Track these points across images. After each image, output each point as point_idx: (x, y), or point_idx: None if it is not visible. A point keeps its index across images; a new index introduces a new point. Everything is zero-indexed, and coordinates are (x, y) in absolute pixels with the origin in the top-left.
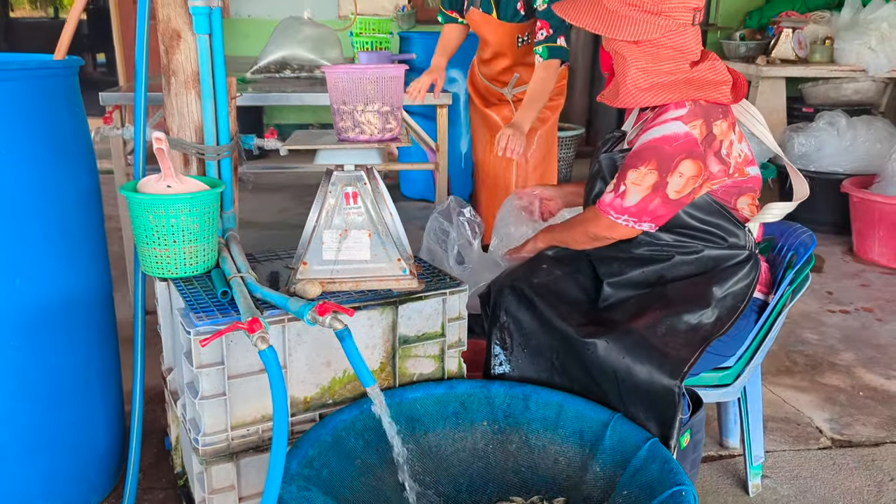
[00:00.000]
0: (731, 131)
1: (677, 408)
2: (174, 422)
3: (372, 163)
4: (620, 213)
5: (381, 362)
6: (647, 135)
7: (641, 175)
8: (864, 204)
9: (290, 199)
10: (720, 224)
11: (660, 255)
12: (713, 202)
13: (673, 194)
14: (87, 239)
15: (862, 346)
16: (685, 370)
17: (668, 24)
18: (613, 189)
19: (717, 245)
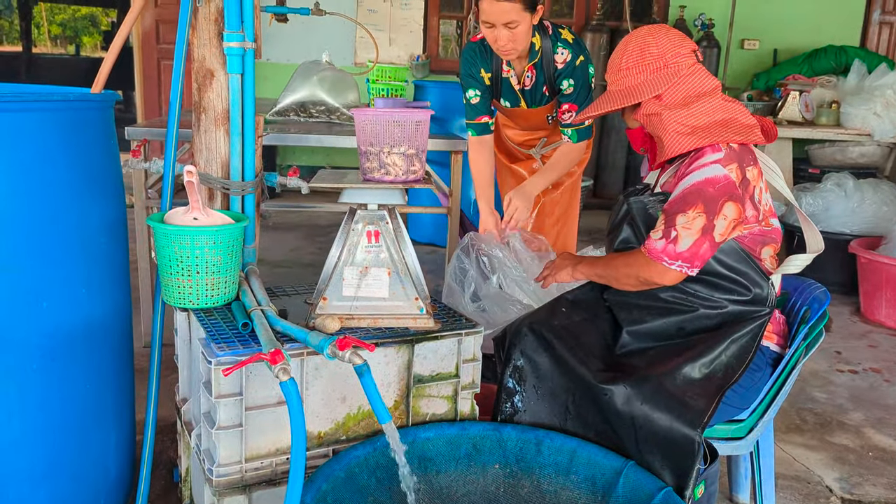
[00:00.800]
0: (761, 178)
1: (696, 458)
2: (185, 453)
3: (395, 203)
4: (674, 259)
5: (395, 400)
6: (687, 179)
7: (690, 219)
8: (871, 265)
9: (302, 238)
10: (747, 273)
11: (683, 306)
12: (741, 250)
13: (718, 237)
14: (112, 267)
15: (870, 407)
16: (705, 420)
17: (677, 70)
18: (664, 235)
19: (740, 296)
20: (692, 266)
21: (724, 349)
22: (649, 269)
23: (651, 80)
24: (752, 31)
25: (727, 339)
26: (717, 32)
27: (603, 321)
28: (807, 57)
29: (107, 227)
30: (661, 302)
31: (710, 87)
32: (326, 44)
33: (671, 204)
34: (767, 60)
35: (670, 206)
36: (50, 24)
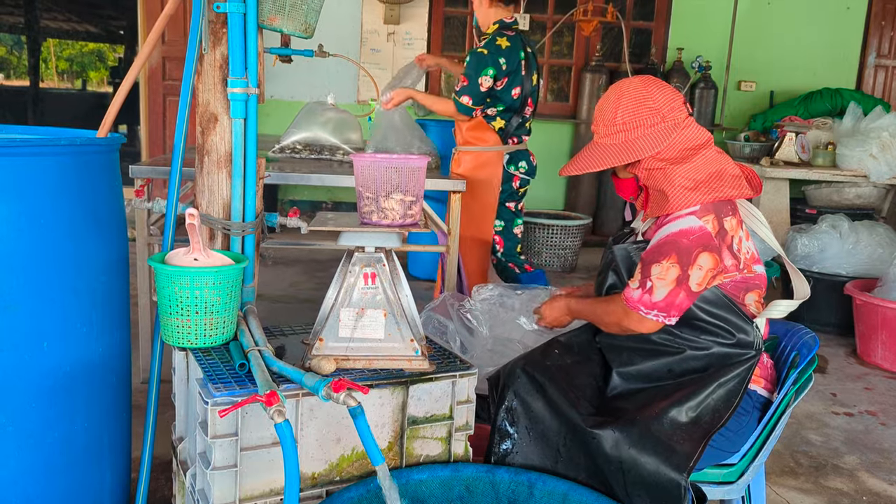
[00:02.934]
0: (740, 228)
1: (682, 501)
2: (180, 492)
3: (392, 246)
4: (650, 309)
5: (389, 442)
6: (662, 231)
7: (665, 269)
8: (866, 307)
9: (301, 273)
10: (729, 319)
11: (670, 348)
12: (723, 296)
13: (695, 286)
14: (112, 306)
15: (866, 451)
16: (691, 464)
17: (674, 123)
18: (640, 286)
19: (725, 339)
20: (668, 315)
21: (711, 392)
22: (628, 318)
23: (650, 135)
24: (748, 73)
25: (714, 383)
26: (715, 74)
27: (594, 363)
28: (803, 99)
29: (108, 267)
30: (650, 344)
31: (704, 138)
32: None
33: (647, 254)
34: (764, 102)
35: (646, 256)
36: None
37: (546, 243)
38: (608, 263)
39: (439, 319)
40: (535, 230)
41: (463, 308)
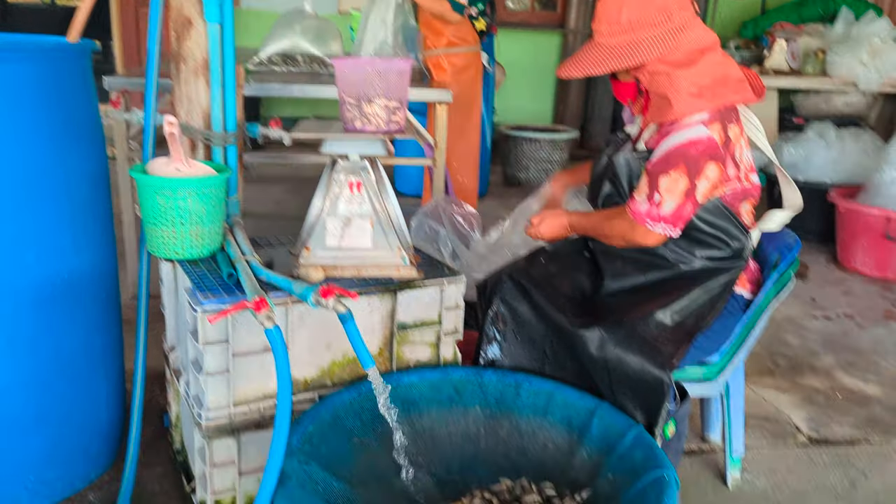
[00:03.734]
0: (742, 136)
1: (665, 397)
2: (175, 399)
3: (376, 153)
4: (657, 221)
5: (379, 347)
6: (669, 140)
7: (673, 181)
8: (849, 214)
9: (288, 190)
10: (726, 228)
11: (664, 262)
12: (722, 206)
13: (700, 198)
14: (96, 219)
15: (842, 351)
16: (674, 363)
17: (681, 23)
18: (648, 199)
19: (719, 250)
20: (675, 227)
21: (697, 298)
22: (634, 232)
23: (657, 36)
24: None
25: (699, 288)
26: None
27: (580, 273)
28: (795, 5)
29: (89, 178)
30: (647, 256)
31: (711, 40)
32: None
33: (654, 165)
34: (755, 8)
35: (653, 168)
36: None
37: (533, 157)
38: (605, 171)
39: (431, 224)
40: (521, 144)
41: (455, 213)
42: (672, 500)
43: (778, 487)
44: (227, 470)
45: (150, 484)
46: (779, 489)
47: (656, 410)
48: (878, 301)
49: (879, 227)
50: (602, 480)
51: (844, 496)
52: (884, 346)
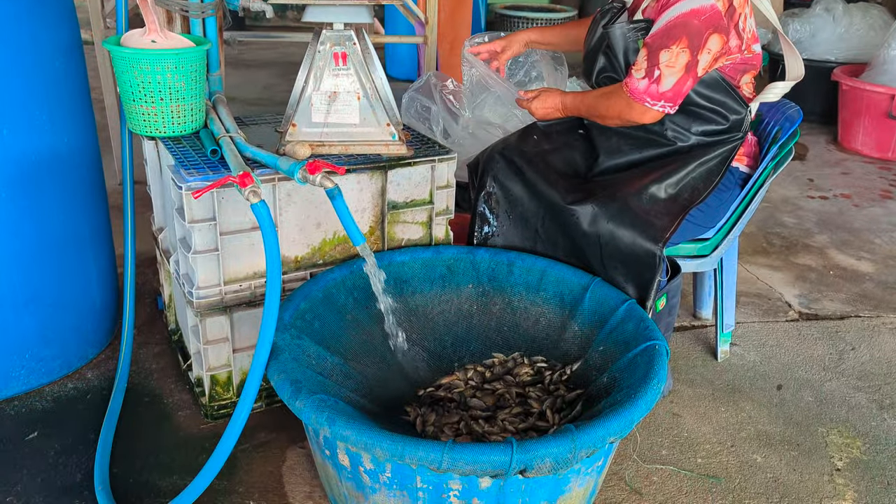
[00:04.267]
0: (746, 4)
1: (656, 271)
2: (167, 280)
3: (362, 21)
4: (657, 99)
5: (370, 226)
6: (670, 11)
7: (674, 55)
8: (852, 92)
9: (276, 75)
10: (725, 102)
11: (661, 139)
12: (721, 79)
13: (700, 72)
14: (72, 95)
15: (836, 230)
16: (667, 236)
17: None
18: (646, 75)
19: (718, 124)
20: (674, 105)
21: (692, 171)
22: (631, 110)
23: None
24: None
25: (696, 162)
26: None
27: (573, 150)
28: None
29: (62, 51)
30: (643, 132)
31: None
32: None
33: (654, 38)
34: None
35: (653, 41)
36: None
37: None
38: (599, 43)
39: (422, 102)
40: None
41: (446, 89)
42: (662, 367)
43: (767, 360)
44: (221, 347)
45: (146, 362)
46: (767, 362)
47: (648, 284)
48: (876, 181)
49: (882, 105)
50: (593, 353)
51: (832, 367)
52: (878, 225)
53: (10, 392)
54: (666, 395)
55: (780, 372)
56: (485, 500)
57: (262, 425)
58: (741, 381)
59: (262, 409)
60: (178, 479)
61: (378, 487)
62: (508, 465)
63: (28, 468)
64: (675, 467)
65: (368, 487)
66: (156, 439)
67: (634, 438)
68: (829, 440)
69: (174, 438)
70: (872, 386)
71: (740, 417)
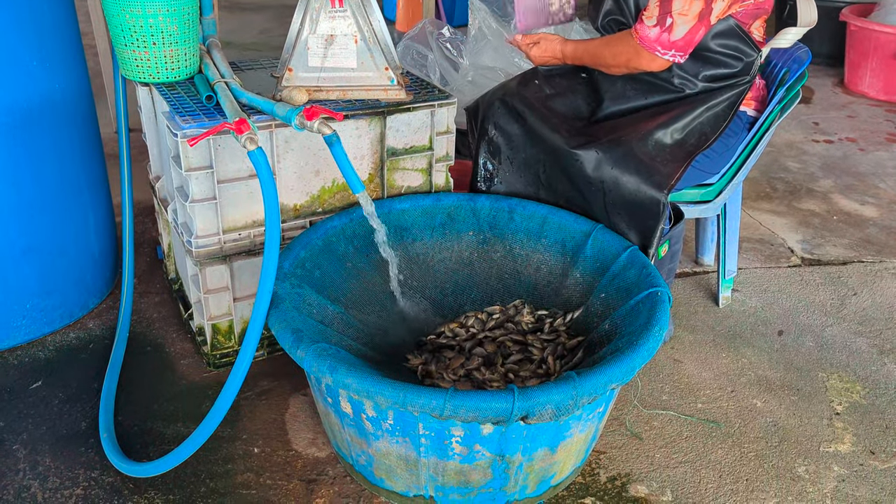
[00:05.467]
0: None
1: (660, 218)
2: (165, 229)
3: None
4: (667, 48)
5: (369, 174)
6: None
7: (688, 3)
8: (860, 33)
9: (272, 19)
10: (738, 47)
11: (668, 86)
12: (735, 26)
13: (714, 19)
14: (63, 40)
15: (841, 174)
16: (671, 183)
17: None
18: (658, 23)
19: (730, 68)
20: (684, 55)
21: (699, 115)
22: (639, 59)
23: None
24: None
25: (703, 106)
26: None
27: (576, 95)
28: None
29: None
30: (650, 76)
31: None
32: None
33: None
34: None
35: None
36: None
37: None
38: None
39: (418, 49)
40: None
41: (443, 37)
42: (664, 314)
43: (769, 305)
44: (221, 296)
45: (147, 311)
46: (769, 307)
47: (651, 231)
48: (882, 124)
49: (891, 46)
50: (595, 300)
51: (833, 312)
52: (884, 169)
53: (12, 342)
54: (667, 342)
55: (781, 317)
56: (486, 446)
57: (264, 373)
58: (742, 327)
59: (263, 357)
60: (183, 426)
61: (381, 434)
62: (510, 412)
63: (33, 417)
64: (675, 412)
65: (371, 434)
66: (159, 388)
67: (635, 384)
68: (829, 385)
69: (177, 387)
70: (873, 331)
71: (741, 363)
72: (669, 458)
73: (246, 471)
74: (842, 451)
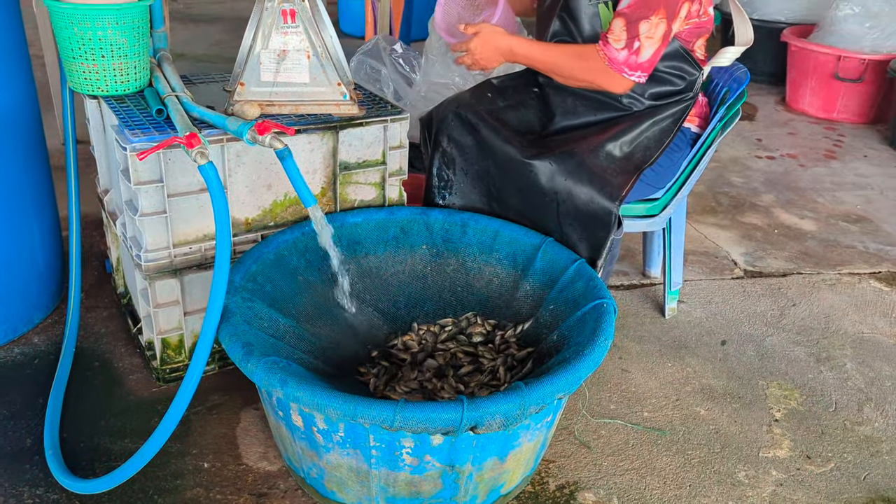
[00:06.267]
0: None
1: (611, 229)
2: (114, 243)
3: None
4: (634, 70)
5: (322, 187)
6: None
7: (654, 26)
8: (800, 53)
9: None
10: (682, 67)
11: (618, 103)
12: (679, 46)
13: (669, 39)
14: (7, 49)
15: (782, 189)
16: (623, 194)
17: None
18: (626, 46)
19: (673, 86)
20: (647, 75)
21: (645, 130)
22: (607, 79)
23: None
24: None
25: (649, 121)
26: None
27: (528, 109)
28: None
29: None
30: (600, 95)
31: None
32: None
33: (632, 8)
34: None
35: (631, 11)
36: None
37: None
38: (553, 5)
39: (372, 65)
40: None
41: (396, 52)
42: (609, 325)
43: (713, 316)
44: (171, 310)
45: (95, 326)
46: (713, 318)
47: (601, 242)
48: (821, 141)
49: (830, 66)
50: (544, 311)
51: (773, 323)
52: (822, 185)
53: None
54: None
55: (724, 328)
56: (437, 457)
57: (214, 387)
58: (687, 337)
59: (214, 371)
60: (130, 442)
61: (332, 447)
62: (459, 423)
63: None
64: (622, 421)
65: (322, 447)
66: (106, 403)
67: (584, 394)
68: (768, 392)
69: (125, 402)
70: (811, 340)
71: (686, 372)
72: (617, 466)
73: (195, 486)
74: (780, 457)
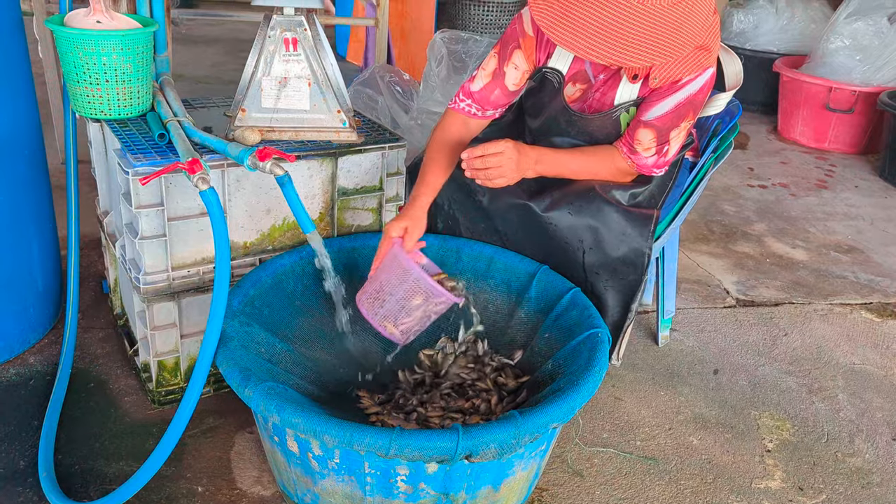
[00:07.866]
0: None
1: (644, 271)
2: (112, 264)
3: (312, 6)
4: (662, 167)
5: (320, 213)
6: (684, 91)
7: (682, 130)
8: (792, 83)
9: (224, 53)
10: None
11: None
12: None
13: None
14: (12, 72)
15: (774, 218)
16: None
17: None
18: (657, 153)
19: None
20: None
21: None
22: (632, 176)
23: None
24: None
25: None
26: None
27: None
28: None
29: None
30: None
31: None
32: None
33: (664, 121)
34: None
35: (663, 124)
36: None
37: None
38: (554, 124)
39: (369, 94)
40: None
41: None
42: (603, 354)
43: (705, 345)
44: (168, 333)
45: (91, 347)
46: (705, 347)
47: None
48: (813, 171)
49: (821, 96)
50: (539, 339)
51: (765, 352)
52: (813, 214)
53: None
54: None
55: (716, 357)
56: (431, 485)
57: (210, 410)
58: (680, 366)
59: (210, 394)
60: (125, 465)
61: (327, 473)
62: (454, 451)
63: None
64: (615, 450)
65: (317, 473)
66: (102, 425)
67: (577, 422)
68: (760, 423)
69: (120, 424)
70: (802, 370)
71: (678, 401)
72: (609, 495)
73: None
74: (772, 488)
